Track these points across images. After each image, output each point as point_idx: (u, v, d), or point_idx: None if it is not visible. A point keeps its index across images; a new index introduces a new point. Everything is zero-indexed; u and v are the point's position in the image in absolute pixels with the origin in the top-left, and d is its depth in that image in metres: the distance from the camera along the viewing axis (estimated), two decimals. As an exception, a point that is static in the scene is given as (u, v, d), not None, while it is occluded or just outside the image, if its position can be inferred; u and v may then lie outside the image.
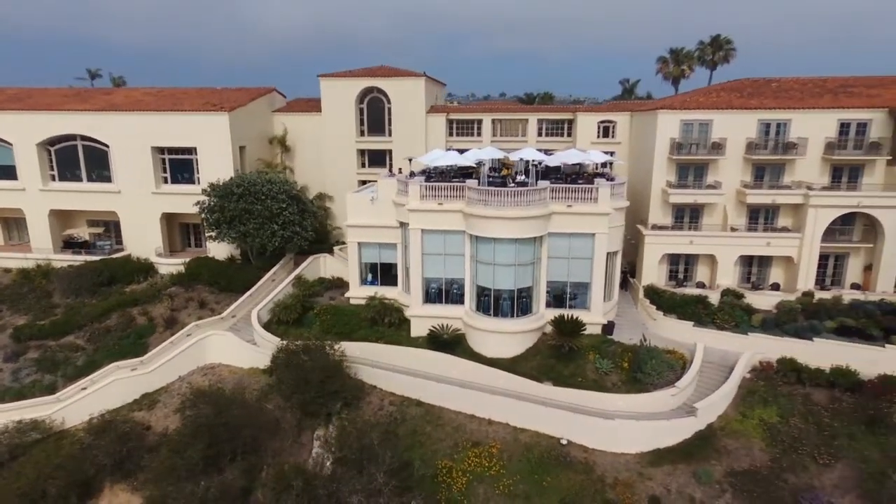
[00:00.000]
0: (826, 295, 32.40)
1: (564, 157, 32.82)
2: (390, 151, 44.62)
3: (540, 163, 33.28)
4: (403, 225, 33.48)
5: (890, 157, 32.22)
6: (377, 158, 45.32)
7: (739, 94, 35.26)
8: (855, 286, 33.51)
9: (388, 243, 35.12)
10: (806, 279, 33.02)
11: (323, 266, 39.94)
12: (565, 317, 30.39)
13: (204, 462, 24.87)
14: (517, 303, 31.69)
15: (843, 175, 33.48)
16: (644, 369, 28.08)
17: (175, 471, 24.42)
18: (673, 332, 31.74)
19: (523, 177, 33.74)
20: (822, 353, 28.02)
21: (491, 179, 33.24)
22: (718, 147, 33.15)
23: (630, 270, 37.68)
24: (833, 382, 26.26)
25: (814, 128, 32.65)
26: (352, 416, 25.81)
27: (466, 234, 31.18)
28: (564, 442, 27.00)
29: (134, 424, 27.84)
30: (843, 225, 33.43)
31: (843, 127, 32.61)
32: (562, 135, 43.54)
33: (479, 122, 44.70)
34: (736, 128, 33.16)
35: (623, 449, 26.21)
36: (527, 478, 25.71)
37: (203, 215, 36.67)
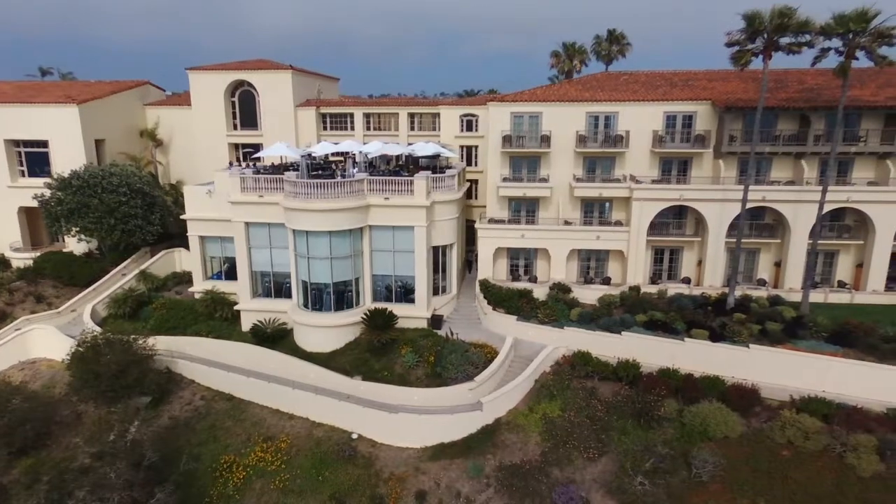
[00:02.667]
0: (652, 289, 32.18)
1: (387, 149, 32.69)
2: (262, 145, 44.14)
3: (366, 155, 33.06)
4: (239, 218, 33.12)
5: (715, 150, 32.03)
6: (251, 153, 44.81)
7: (583, 87, 34.97)
8: (686, 280, 33.29)
9: (229, 237, 34.65)
10: (635, 273, 32.79)
11: (178, 260, 39.55)
12: (376, 311, 30.12)
13: (-26, 456, 24.54)
14: (340, 297, 31.46)
15: (673, 168, 33.25)
16: (442, 363, 27.86)
17: (-61, 465, 24.09)
18: (499, 326, 31.44)
19: (354, 170, 33.52)
20: (628, 346, 27.78)
21: (319, 173, 33.02)
22: (546, 140, 32.89)
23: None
24: (619, 376, 26.03)
25: (642, 121, 32.39)
26: (121, 411, 25.37)
27: (287, 226, 30.88)
28: (355, 436, 26.79)
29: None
30: (677, 218, 33.27)
31: (670, 119, 32.38)
32: (432, 129, 43.17)
33: (352, 116, 44.34)
34: (565, 121, 32.87)
35: (408, 443, 25.99)
36: (307, 472, 25.46)
37: (43, 209, 36.25)
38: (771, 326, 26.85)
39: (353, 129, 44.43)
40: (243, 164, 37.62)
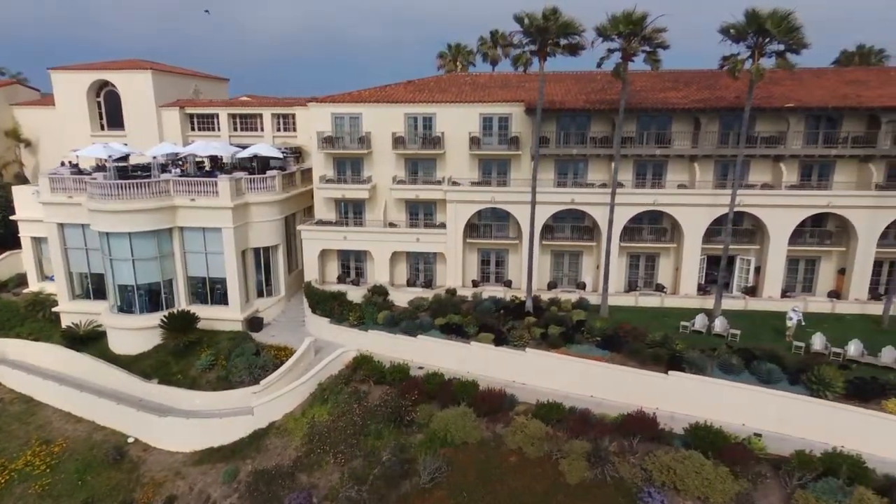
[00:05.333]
0: (469, 292, 31.91)
1: (212, 150, 32.67)
2: (127, 146, 43.86)
3: (177, 155, 33.12)
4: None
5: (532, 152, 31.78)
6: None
7: (414, 89, 34.59)
8: (507, 283, 33.01)
9: (62, 238, 34.43)
10: (455, 275, 32.51)
11: (25, 261, 39.16)
12: (174, 313, 29.88)
13: None
14: (153, 299, 31.19)
15: (493, 170, 32.97)
16: (227, 366, 27.60)
17: None
18: (316, 328, 31.21)
19: (175, 171, 33.33)
20: (422, 350, 27.58)
21: (139, 173, 32.81)
22: (363, 141, 32.64)
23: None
24: (386, 380, 25.70)
25: (459, 122, 32.06)
26: None
27: (92, 228, 30.59)
28: (131, 440, 26.58)
29: None
30: (499, 221, 33.01)
31: (487, 121, 32.10)
32: (295, 129, 43.01)
33: (217, 116, 44.08)
34: (385, 122, 32.55)
35: (178, 447, 25.77)
36: (70, 477, 25.21)
37: None
38: (551, 330, 26.57)
39: (218, 129, 44.18)
40: (67, 163, 37.27)
